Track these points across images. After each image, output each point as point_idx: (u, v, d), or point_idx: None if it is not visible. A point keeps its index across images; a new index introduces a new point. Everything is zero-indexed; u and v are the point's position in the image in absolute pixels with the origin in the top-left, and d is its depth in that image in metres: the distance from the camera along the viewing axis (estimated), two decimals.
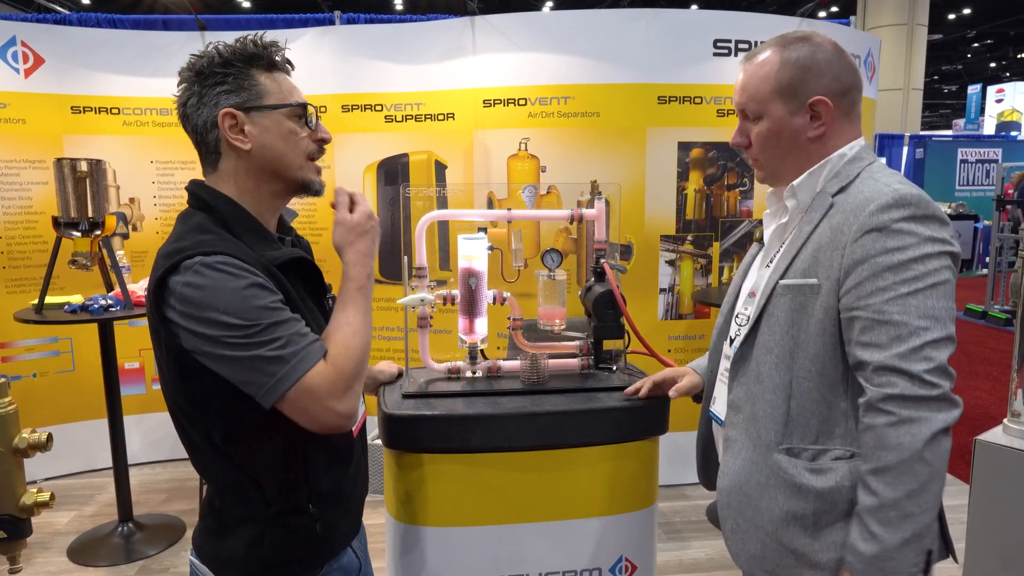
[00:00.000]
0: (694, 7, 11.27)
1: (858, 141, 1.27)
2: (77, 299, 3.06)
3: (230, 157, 1.17)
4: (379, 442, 1.64)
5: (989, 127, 15.53)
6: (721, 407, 1.42)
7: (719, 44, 3.44)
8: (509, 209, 1.85)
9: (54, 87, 3.68)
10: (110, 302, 3.00)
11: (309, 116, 1.21)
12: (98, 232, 3.01)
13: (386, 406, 1.62)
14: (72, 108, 3.72)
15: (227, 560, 1.19)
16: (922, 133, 13.53)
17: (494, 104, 3.50)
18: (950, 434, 1.10)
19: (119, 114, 3.80)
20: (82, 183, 2.94)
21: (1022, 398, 2.08)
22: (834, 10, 16.32)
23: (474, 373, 1.83)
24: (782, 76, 1.22)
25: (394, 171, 3.68)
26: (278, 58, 1.20)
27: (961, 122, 17.16)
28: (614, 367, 1.86)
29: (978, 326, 7.40)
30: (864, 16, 13.77)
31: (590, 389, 1.74)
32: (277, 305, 1.09)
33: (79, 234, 2.97)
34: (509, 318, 1.84)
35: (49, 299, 3.06)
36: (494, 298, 1.82)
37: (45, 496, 1.64)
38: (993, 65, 23.87)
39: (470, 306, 1.79)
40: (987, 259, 8.29)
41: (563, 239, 3.41)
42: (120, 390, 3.17)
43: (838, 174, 1.24)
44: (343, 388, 1.10)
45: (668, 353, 3.45)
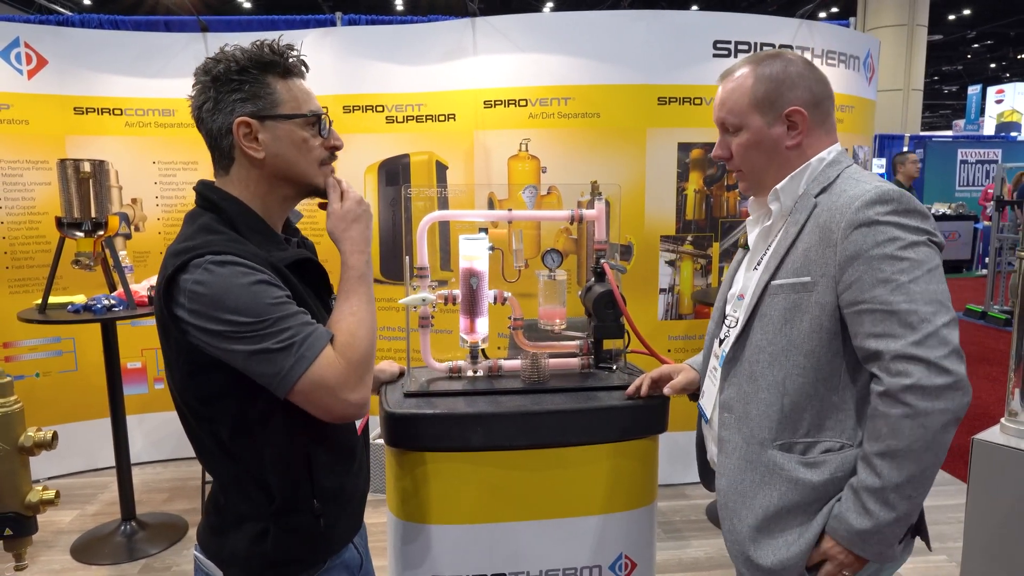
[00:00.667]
0: (694, 8, 11.28)
1: (835, 147, 1.33)
2: (80, 299, 3.07)
3: (243, 163, 1.19)
4: (381, 441, 1.65)
5: (989, 128, 15.53)
6: (707, 402, 1.45)
7: (719, 45, 3.45)
8: (510, 210, 1.86)
9: (57, 88, 3.69)
10: (113, 302, 3.01)
11: (323, 124, 1.22)
12: (101, 232, 3.02)
13: (388, 405, 1.64)
14: (75, 109, 3.74)
15: (230, 556, 1.21)
16: (922, 134, 13.54)
17: (495, 105, 3.51)
18: (958, 422, 1.13)
19: (121, 115, 3.81)
20: (85, 184, 2.96)
21: (1019, 398, 2.09)
22: (834, 11, 16.32)
23: (475, 372, 1.85)
24: (758, 90, 1.29)
25: (395, 172, 3.69)
26: (293, 63, 1.21)
27: (961, 123, 17.17)
28: (614, 367, 1.87)
29: (977, 326, 7.41)
30: (864, 17, 13.78)
31: (590, 388, 1.75)
32: (284, 299, 1.11)
33: (82, 234, 2.99)
34: (510, 318, 1.85)
35: (52, 299, 3.08)
36: (495, 298, 1.83)
37: (50, 494, 1.66)
38: (993, 66, 23.87)
39: (471, 306, 1.81)
40: (987, 259, 8.29)
41: (563, 239, 3.43)
42: (123, 390, 3.19)
43: (818, 177, 1.29)
44: (355, 377, 1.12)
45: (668, 353, 3.46)
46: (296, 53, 1.22)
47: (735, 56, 3.47)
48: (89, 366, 3.80)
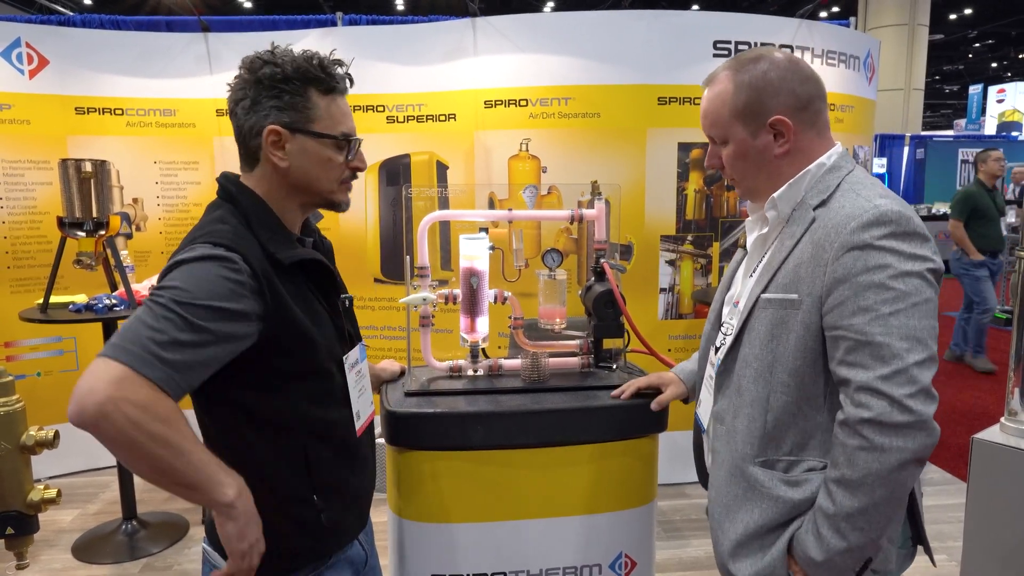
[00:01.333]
0: (694, 8, 11.27)
1: (835, 149, 1.27)
2: (81, 299, 3.08)
3: (266, 167, 1.22)
4: (381, 440, 1.66)
5: (990, 127, 15.52)
6: (703, 411, 1.44)
7: (719, 45, 3.46)
8: (510, 209, 1.87)
9: (58, 88, 3.70)
10: (114, 302, 3.02)
11: (352, 148, 1.25)
12: (102, 232, 3.03)
13: (388, 404, 1.64)
14: (76, 109, 3.75)
15: None
16: (923, 133, 13.54)
17: (495, 105, 3.52)
18: (922, 464, 1.10)
19: (123, 115, 3.82)
20: (86, 183, 2.96)
21: (1019, 397, 2.09)
22: (835, 10, 16.32)
23: (475, 371, 1.85)
24: (737, 100, 1.23)
25: (396, 172, 3.69)
26: (339, 82, 1.24)
27: (962, 122, 17.15)
28: (614, 366, 1.87)
29: None
30: (865, 16, 13.77)
31: (590, 387, 1.75)
32: (218, 318, 1.05)
33: (83, 234, 2.99)
34: (510, 317, 1.86)
35: (54, 299, 3.08)
36: (495, 297, 1.83)
37: (52, 493, 1.67)
38: (994, 65, 23.86)
39: (471, 305, 1.81)
40: None
41: (564, 239, 3.43)
42: None
43: (817, 184, 1.24)
44: (112, 406, 0.95)
45: (668, 352, 3.46)
46: (344, 69, 1.24)
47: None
48: None
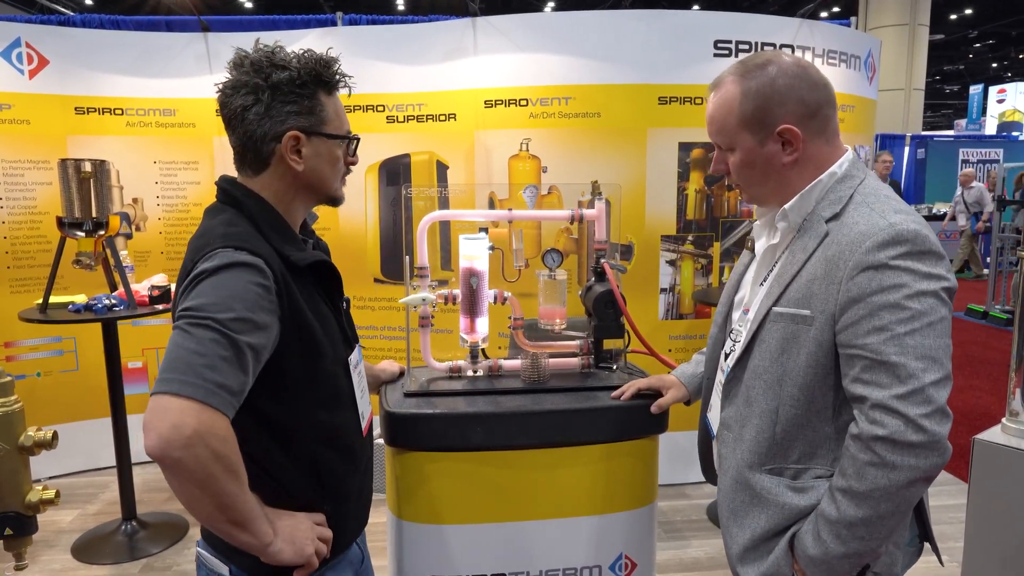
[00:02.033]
0: (695, 8, 11.26)
1: (846, 156, 1.25)
2: (81, 299, 3.07)
3: (278, 170, 1.22)
4: (380, 440, 1.65)
5: (991, 127, 15.52)
6: (715, 417, 1.44)
7: (719, 45, 3.45)
8: (510, 209, 1.87)
9: (58, 88, 3.70)
10: (114, 302, 3.01)
11: (354, 145, 1.29)
12: (102, 232, 3.02)
13: (388, 404, 1.64)
14: (76, 109, 3.74)
15: (240, 548, 1.20)
16: (923, 133, 13.53)
17: (495, 105, 3.51)
18: (930, 482, 1.11)
19: (122, 115, 3.82)
20: (86, 183, 2.96)
21: (1020, 397, 2.09)
22: (835, 10, 16.31)
23: (475, 372, 1.85)
24: (745, 108, 1.21)
25: (396, 171, 3.69)
26: (339, 80, 1.26)
27: (963, 122, 17.15)
28: (614, 366, 1.87)
29: (979, 326, 7.40)
30: (866, 16, 13.76)
31: (590, 388, 1.75)
32: (250, 329, 1.05)
33: (83, 234, 2.99)
34: (510, 317, 1.85)
35: (53, 299, 3.08)
36: (495, 298, 1.83)
37: (50, 493, 1.66)
38: (995, 65, 23.85)
39: (471, 305, 1.81)
40: (988, 259, 8.29)
41: (564, 239, 3.43)
42: (123, 389, 3.19)
43: (829, 195, 1.22)
44: (182, 444, 0.96)
45: (668, 353, 3.45)
46: (338, 67, 1.26)
47: (736, 56, 3.47)
48: (90, 366, 3.80)
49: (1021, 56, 22.07)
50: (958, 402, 5.04)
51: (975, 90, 16.77)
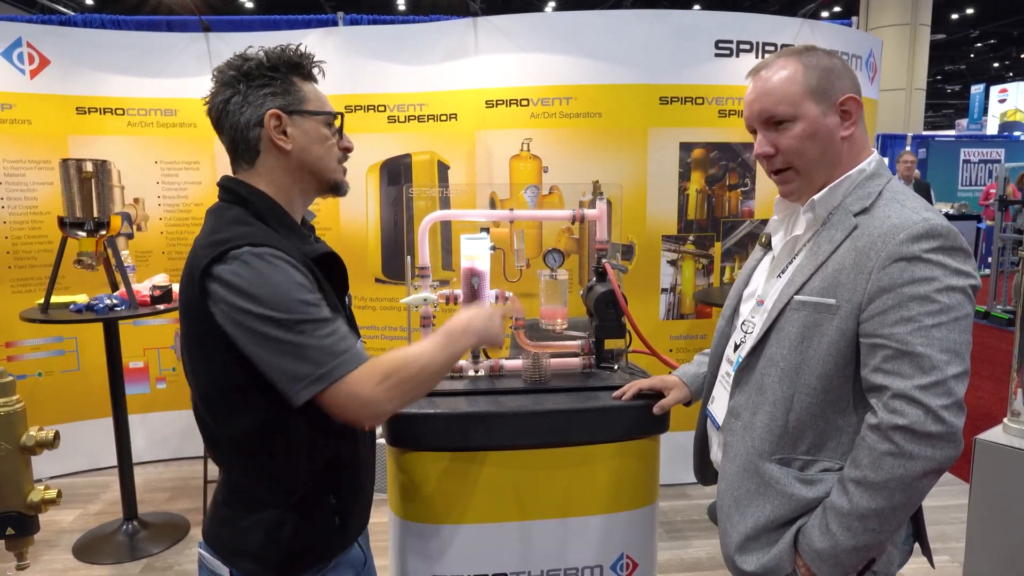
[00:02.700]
0: (696, 8, 11.26)
1: (873, 156, 1.28)
2: (82, 299, 3.07)
3: (270, 155, 1.23)
4: (382, 440, 1.65)
5: (992, 127, 15.50)
6: (718, 409, 1.44)
7: (720, 45, 3.45)
8: (511, 209, 1.86)
9: (59, 88, 3.70)
10: (115, 302, 3.02)
11: (340, 125, 1.29)
12: (103, 232, 3.03)
13: None
14: (77, 109, 3.74)
15: (242, 549, 1.20)
16: (925, 133, 13.50)
17: (496, 105, 3.51)
18: (941, 474, 1.13)
19: (123, 115, 3.82)
20: (87, 183, 2.96)
21: (1022, 398, 2.09)
22: (836, 10, 16.30)
23: (476, 372, 1.85)
24: (810, 78, 1.23)
25: (397, 171, 3.69)
26: (315, 70, 1.29)
27: (964, 122, 17.13)
28: (615, 366, 1.87)
29: (981, 326, 7.39)
30: (867, 16, 13.75)
31: (591, 388, 1.75)
32: (319, 303, 1.12)
33: (84, 234, 2.99)
34: (511, 317, 1.85)
35: (54, 299, 3.08)
36: (496, 297, 1.83)
37: (52, 493, 1.66)
38: (996, 65, 23.82)
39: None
40: (989, 259, 8.28)
41: (565, 239, 3.43)
42: (125, 389, 3.19)
43: (857, 190, 1.24)
44: (387, 399, 1.13)
45: (670, 353, 3.46)
46: (317, 62, 1.29)
47: (737, 56, 3.47)
48: (91, 366, 3.81)
49: (1023, 56, 22.06)
50: None
51: (976, 90, 16.74)
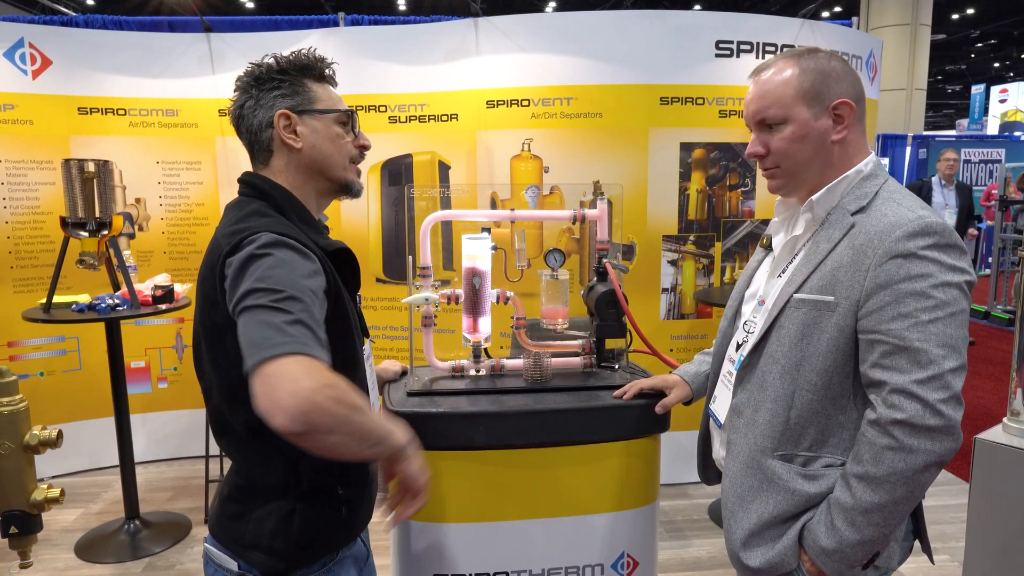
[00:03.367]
0: (696, 8, 11.26)
1: (871, 157, 1.29)
2: (84, 298, 3.08)
3: (281, 154, 1.27)
4: None
5: (993, 127, 15.48)
6: (721, 408, 1.45)
7: (721, 45, 3.46)
8: (512, 209, 1.87)
9: (61, 88, 3.71)
10: (117, 301, 3.02)
11: (354, 122, 1.33)
12: (105, 232, 3.03)
13: (391, 404, 1.65)
14: (79, 109, 3.75)
15: (252, 541, 1.21)
16: (925, 133, 13.48)
17: (497, 105, 3.52)
18: (942, 467, 1.14)
19: (125, 115, 3.83)
20: (89, 183, 2.97)
21: (1022, 397, 2.09)
22: (837, 10, 16.29)
23: (478, 371, 1.85)
24: (804, 82, 1.25)
25: (398, 172, 3.70)
26: (328, 72, 1.33)
27: (964, 122, 17.12)
28: (616, 366, 1.87)
29: (981, 326, 7.40)
30: (867, 16, 13.74)
31: (592, 388, 1.75)
32: (319, 298, 1.08)
33: (86, 234, 3.00)
34: (512, 317, 1.86)
35: (57, 298, 3.09)
36: (497, 297, 1.83)
37: (55, 492, 1.67)
38: (997, 65, 23.80)
39: (474, 305, 1.81)
40: (990, 259, 8.28)
41: (566, 239, 3.43)
42: (127, 389, 3.20)
43: (854, 190, 1.26)
44: (318, 396, 0.94)
45: (670, 352, 3.46)
46: (330, 64, 1.33)
47: (737, 56, 3.47)
48: (93, 365, 3.82)
49: (1023, 56, 22.04)
50: None
51: (977, 90, 16.72)
